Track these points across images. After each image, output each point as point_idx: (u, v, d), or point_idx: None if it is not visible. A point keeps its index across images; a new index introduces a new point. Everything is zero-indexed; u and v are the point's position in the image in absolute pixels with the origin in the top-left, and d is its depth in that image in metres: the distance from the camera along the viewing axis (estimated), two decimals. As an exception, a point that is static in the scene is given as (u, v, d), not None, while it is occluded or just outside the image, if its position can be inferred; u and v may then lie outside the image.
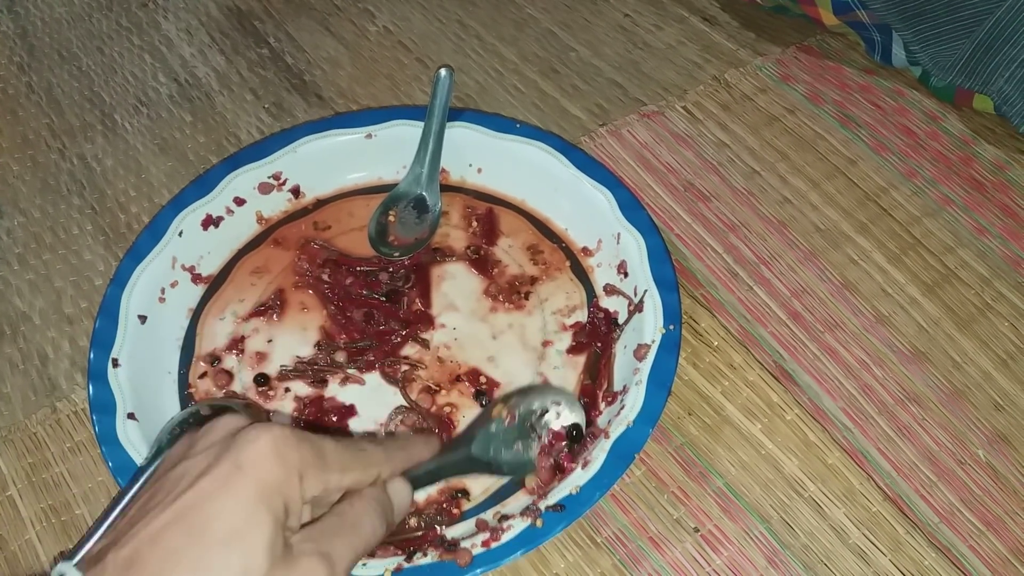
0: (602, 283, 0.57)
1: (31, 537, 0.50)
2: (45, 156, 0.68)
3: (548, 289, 0.58)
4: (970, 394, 0.54)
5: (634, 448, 0.48)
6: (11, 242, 0.63)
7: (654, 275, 0.54)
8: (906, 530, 0.49)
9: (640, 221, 0.56)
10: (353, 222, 0.61)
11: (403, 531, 0.47)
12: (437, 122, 0.61)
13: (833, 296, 0.58)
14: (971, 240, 0.61)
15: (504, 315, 0.57)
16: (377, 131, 0.62)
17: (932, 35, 0.65)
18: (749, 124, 0.68)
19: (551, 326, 0.56)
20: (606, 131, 0.67)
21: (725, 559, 0.49)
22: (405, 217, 0.60)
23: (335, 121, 0.63)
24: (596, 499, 0.46)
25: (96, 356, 0.52)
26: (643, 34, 0.75)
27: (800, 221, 0.62)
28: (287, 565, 0.34)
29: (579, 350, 0.55)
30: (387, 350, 0.55)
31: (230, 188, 0.60)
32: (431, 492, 0.49)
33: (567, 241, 0.60)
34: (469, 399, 0.53)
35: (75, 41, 0.76)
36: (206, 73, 0.73)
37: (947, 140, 0.67)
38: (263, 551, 0.34)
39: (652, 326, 0.52)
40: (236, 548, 0.33)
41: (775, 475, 0.51)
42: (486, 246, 0.60)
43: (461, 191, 0.62)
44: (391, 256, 0.58)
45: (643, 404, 0.49)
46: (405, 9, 0.77)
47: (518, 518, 0.46)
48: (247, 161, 0.60)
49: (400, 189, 0.61)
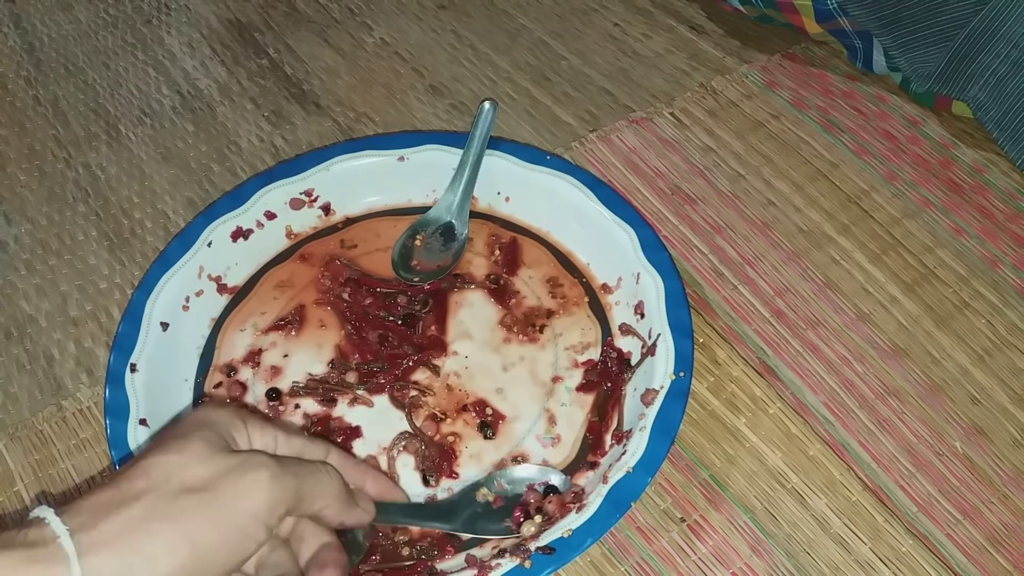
0: (618, 322, 0.57)
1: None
2: (51, 166, 0.70)
3: (564, 324, 0.58)
4: (948, 388, 0.56)
5: (631, 496, 0.47)
6: (19, 248, 0.65)
7: (670, 319, 0.54)
8: (885, 519, 0.51)
9: (661, 263, 0.56)
10: (379, 242, 0.62)
11: (396, 559, 0.48)
12: (475, 153, 0.61)
13: (815, 295, 0.60)
14: (949, 240, 0.63)
15: (517, 347, 0.57)
16: (409, 154, 0.62)
17: (911, 40, 0.67)
18: (735, 129, 0.70)
19: (563, 362, 0.56)
20: (596, 137, 0.69)
21: (710, 548, 0.50)
22: (431, 243, 0.60)
23: (369, 142, 0.63)
24: (587, 545, 0.46)
25: (115, 360, 0.53)
26: (632, 43, 0.77)
27: (784, 223, 0.64)
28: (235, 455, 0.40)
29: (589, 388, 0.55)
30: (398, 374, 0.55)
31: (262, 202, 0.60)
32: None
33: (588, 276, 0.60)
34: (473, 430, 0.53)
35: (81, 56, 0.78)
36: (208, 84, 0.75)
37: (927, 144, 0.69)
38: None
39: (663, 371, 0.52)
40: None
41: (759, 467, 0.53)
42: (506, 276, 0.60)
43: (488, 219, 0.63)
44: (411, 281, 0.59)
45: (644, 452, 0.48)
46: (401, 21, 0.80)
47: (508, 558, 0.46)
48: (281, 176, 0.61)
49: (430, 215, 0.61)
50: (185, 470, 0.39)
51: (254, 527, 0.39)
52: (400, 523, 0.49)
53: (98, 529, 0.36)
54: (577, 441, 0.53)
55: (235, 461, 0.40)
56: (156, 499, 0.38)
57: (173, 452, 0.39)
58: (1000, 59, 0.63)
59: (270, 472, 0.40)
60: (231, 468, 0.40)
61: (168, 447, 0.40)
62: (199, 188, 0.68)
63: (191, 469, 0.39)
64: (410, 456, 0.53)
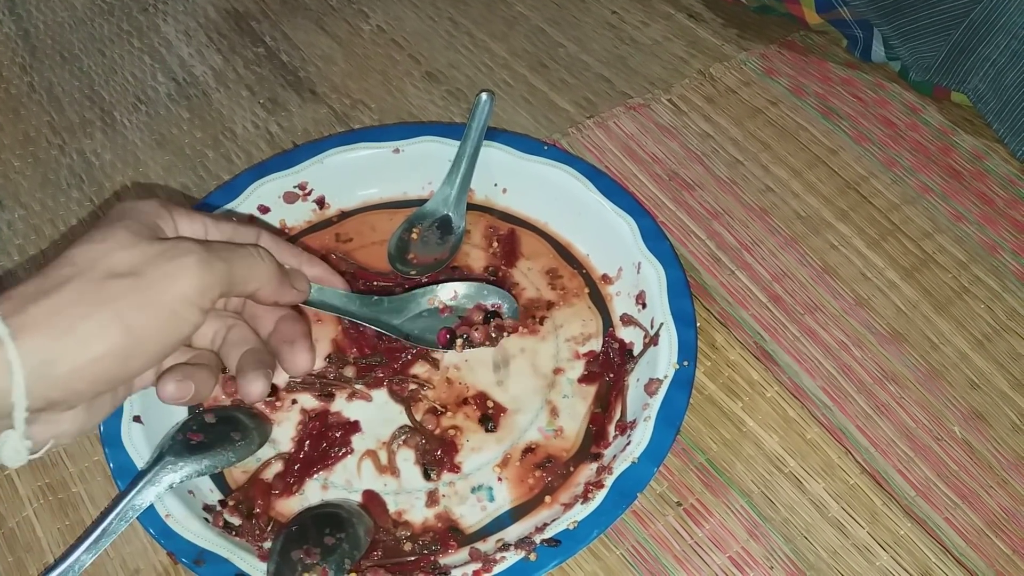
0: (620, 312, 0.57)
1: (28, 514, 0.51)
2: (46, 152, 0.69)
3: (564, 315, 0.57)
4: (947, 373, 0.56)
5: (637, 487, 0.47)
6: (11, 234, 0.64)
7: (672, 308, 0.53)
8: (884, 503, 0.51)
9: (662, 252, 0.56)
10: (375, 236, 0.61)
11: (398, 554, 0.48)
12: (472, 145, 0.61)
13: (813, 280, 0.60)
14: (949, 226, 0.63)
15: (517, 339, 0.56)
16: (405, 146, 0.62)
17: (911, 29, 0.67)
18: (733, 116, 0.69)
19: (564, 353, 0.56)
20: (593, 123, 0.69)
21: (707, 531, 0.50)
22: (428, 236, 0.60)
23: (363, 134, 0.63)
24: (593, 537, 0.46)
25: None
26: (630, 30, 0.76)
27: (782, 208, 0.64)
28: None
29: (591, 380, 0.54)
30: (396, 368, 0.55)
31: (255, 195, 0.60)
32: (429, 518, 0.49)
33: (588, 267, 0.59)
34: (474, 423, 0.53)
35: (77, 44, 0.78)
36: (203, 72, 0.75)
37: (926, 131, 0.68)
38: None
39: (666, 360, 0.51)
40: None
41: (756, 451, 0.53)
42: (505, 267, 0.59)
43: (485, 211, 0.62)
44: (407, 274, 0.58)
45: (649, 442, 0.48)
46: (398, 8, 0.79)
47: (512, 550, 0.46)
48: (274, 170, 0.61)
49: (427, 208, 0.61)
50: (110, 256, 0.39)
51: (186, 309, 0.40)
52: (338, 311, 0.50)
53: (28, 313, 0.37)
54: (580, 432, 0.52)
55: (161, 248, 0.41)
56: (83, 284, 0.38)
57: (97, 241, 0.40)
58: (1000, 50, 0.63)
59: (198, 257, 0.41)
60: (157, 254, 0.40)
61: (92, 237, 0.40)
62: (193, 174, 0.67)
63: (116, 255, 0.40)
64: (411, 450, 0.52)
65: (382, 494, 0.50)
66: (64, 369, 0.38)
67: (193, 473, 0.47)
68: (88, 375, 0.39)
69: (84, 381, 0.39)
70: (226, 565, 0.45)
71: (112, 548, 0.45)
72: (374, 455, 0.52)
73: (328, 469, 0.51)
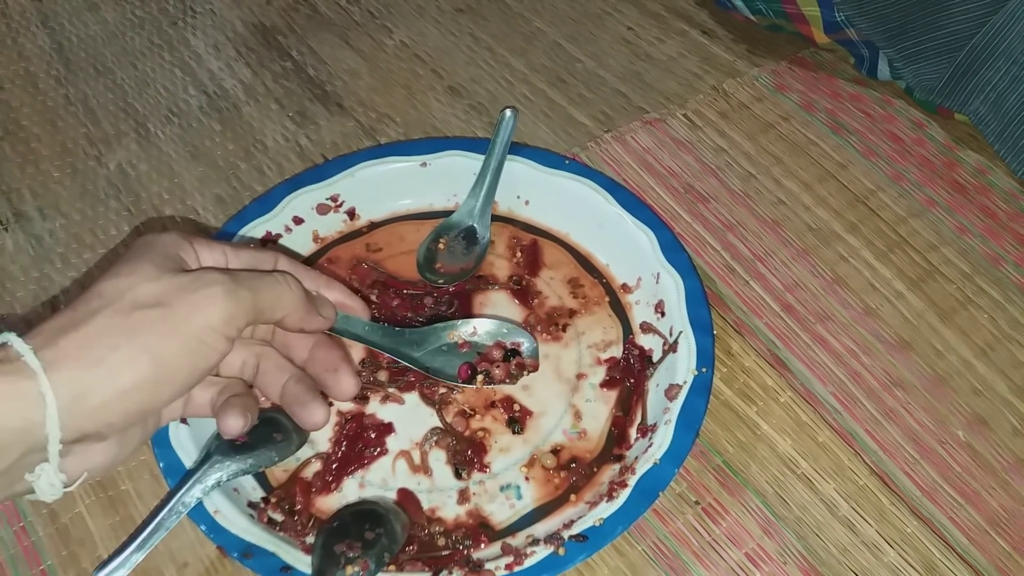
0: (639, 320, 0.59)
1: (80, 511, 0.53)
2: (83, 163, 0.72)
3: (586, 323, 0.59)
4: (951, 380, 0.58)
5: (659, 486, 0.49)
6: (54, 242, 0.67)
7: (690, 317, 0.56)
8: (891, 502, 0.53)
9: (680, 263, 0.58)
10: (403, 245, 0.63)
11: (433, 549, 0.50)
12: (496, 159, 0.63)
13: (824, 290, 0.62)
14: (953, 239, 0.65)
15: (541, 345, 0.58)
16: (432, 160, 0.64)
17: (915, 52, 0.69)
18: (746, 131, 0.72)
19: (586, 359, 0.58)
20: (611, 137, 0.71)
21: (724, 529, 0.52)
22: (454, 247, 0.62)
23: (392, 148, 0.65)
24: (619, 532, 0.48)
25: None
26: (645, 46, 0.79)
27: (793, 221, 0.66)
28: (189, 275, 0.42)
29: (612, 385, 0.57)
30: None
31: (290, 207, 0.62)
32: (460, 515, 0.52)
33: (607, 277, 0.61)
34: (502, 425, 0.55)
35: (110, 56, 0.80)
36: (233, 85, 0.77)
37: (932, 146, 0.71)
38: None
39: (685, 367, 0.54)
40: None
41: (770, 453, 0.55)
42: (528, 277, 0.61)
43: (508, 222, 0.65)
44: (436, 283, 0.60)
45: (670, 444, 0.51)
46: (420, 24, 0.82)
47: (542, 545, 0.48)
48: (307, 183, 0.63)
49: (452, 219, 0.63)
50: (137, 288, 0.40)
51: (213, 338, 0.41)
52: (361, 340, 0.52)
53: (59, 346, 0.38)
54: (603, 435, 0.55)
55: (187, 279, 0.42)
56: (111, 316, 0.39)
57: (123, 274, 0.41)
58: (1000, 75, 0.65)
59: (224, 287, 0.42)
60: (183, 285, 0.41)
61: (118, 271, 0.41)
62: (227, 185, 0.70)
63: (143, 287, 0.40)
64: (442, 451, 0.54)
65: (416, 492, 0.53)
66: (96, 400, 0.39)
67: (238, 471, 0.49)
68: (119, 405, 0.39)
69: (115, 411, 0.40)
70: (273, 558, 0.47)
71: (162, 543, 0.47)
72: (408, 455, 0.54)
73: (364, 468, 0.54)
